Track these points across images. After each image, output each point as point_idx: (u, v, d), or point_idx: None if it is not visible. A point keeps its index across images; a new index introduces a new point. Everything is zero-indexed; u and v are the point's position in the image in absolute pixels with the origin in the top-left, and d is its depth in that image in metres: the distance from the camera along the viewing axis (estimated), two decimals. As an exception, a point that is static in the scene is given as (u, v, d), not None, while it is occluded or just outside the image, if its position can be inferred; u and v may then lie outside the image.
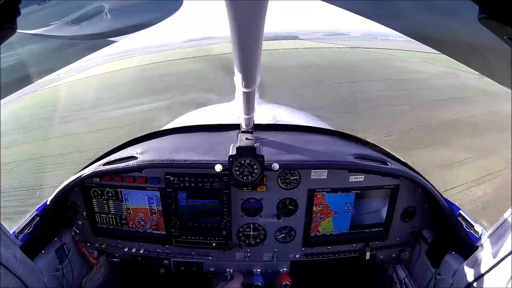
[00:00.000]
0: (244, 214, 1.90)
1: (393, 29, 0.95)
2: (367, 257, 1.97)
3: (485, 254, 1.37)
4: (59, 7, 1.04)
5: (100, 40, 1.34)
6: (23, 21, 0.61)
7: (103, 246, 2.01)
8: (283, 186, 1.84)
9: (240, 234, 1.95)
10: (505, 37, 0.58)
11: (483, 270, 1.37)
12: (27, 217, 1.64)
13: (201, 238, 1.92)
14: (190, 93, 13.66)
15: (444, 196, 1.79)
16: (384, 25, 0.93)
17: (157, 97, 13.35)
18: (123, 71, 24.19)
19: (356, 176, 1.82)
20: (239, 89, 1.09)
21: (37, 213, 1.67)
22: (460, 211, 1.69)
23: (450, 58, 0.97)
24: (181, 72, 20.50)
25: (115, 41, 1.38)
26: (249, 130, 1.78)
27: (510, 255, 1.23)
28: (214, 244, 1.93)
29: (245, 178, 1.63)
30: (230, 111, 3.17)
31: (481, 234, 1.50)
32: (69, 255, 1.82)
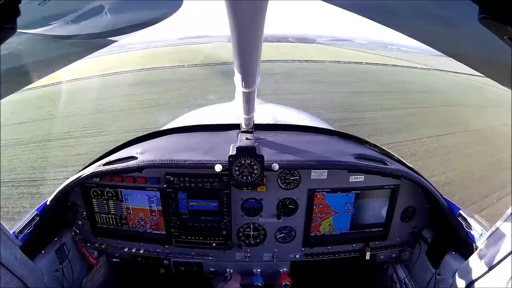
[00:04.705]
0: (244, 214, 1.90)
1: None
2: (367, 257, 1.97)
3: (485, 254, 1.37)
4: (59, 7, 1.03)
5: (100, 39, 1.34)
6: (23, 21, 0.61)
7: (103, 246, 2.01)
8: (283, 186, 1.84)
9: (240, 234, 1.95)
10: (505, 37, 0.58)
11: (483, 270, 1.37)
12: (27, 217, 1.64)
13: (201, 238, 1.92)
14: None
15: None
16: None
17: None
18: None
19: (356, 176, 1.82)
20: (239, 89, 1.09)
21: (37, 213, 1.67)
22: (460, 211, 1.69)
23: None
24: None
25: (116, 41, 1.38)
26: (249, 130, 1.78)
27: (510, 255, 1.23)
28: (214, 244, 1.93)
29: (245, 178, 1.63)
30: (230, 111, 3.17)
31: (481, 234, 1.50)
32: (69, 255, 1.82)
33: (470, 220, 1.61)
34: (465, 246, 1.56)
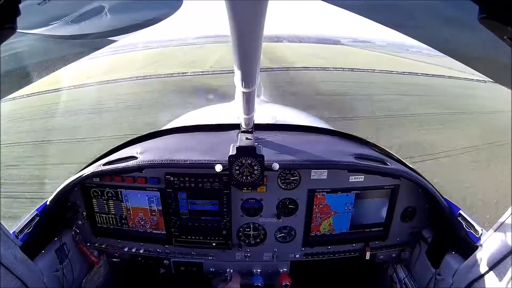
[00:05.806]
0: (244, 214, 1.90)
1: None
2: (367, 257, 1.97)
3: (485, 254, 1.37)
4: (59, 7, 1.04)
5: (100, 39, 1.34)
6: (23, 21, 0.61)
7: (103, 246, 2.01)
8: (283, 186, 1.84)
9: (240, 234, 1.95)
10: (505, 37, 0.58)
11: (483, 270, 1.37)
12: (27, 217, 1.64)
13: (201, 238, 1.92)
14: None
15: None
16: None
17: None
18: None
19: (356, 176, 1.82)
20: (239, 89, 1.09)
21: (37, 213, 1.67)
22: (460, 211, 1.68)
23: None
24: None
25: (115, 40, 1.38)
26: (249, 130, 1.78)
27: (510, 255, 1.23)
28: (214, 244, 1.93)
29: (245, 178, 1.63)
30: (230, 111, 3.17)
31: (481, 234, 1.50)
32: (69, 255, 1.82)
33: (470, 220, 1.61)
34: (465, 246, 1.55)
